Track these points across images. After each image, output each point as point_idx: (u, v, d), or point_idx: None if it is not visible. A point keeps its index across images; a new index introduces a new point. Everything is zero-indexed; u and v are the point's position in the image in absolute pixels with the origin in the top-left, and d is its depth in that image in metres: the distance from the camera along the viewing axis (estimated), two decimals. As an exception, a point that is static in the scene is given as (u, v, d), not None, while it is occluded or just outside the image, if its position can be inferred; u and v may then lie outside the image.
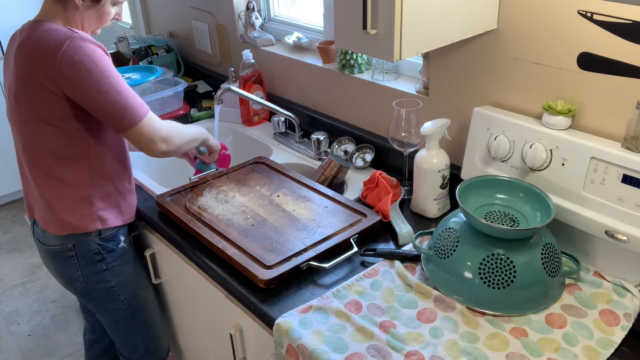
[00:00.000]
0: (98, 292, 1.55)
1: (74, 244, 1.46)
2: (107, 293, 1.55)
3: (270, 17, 2.14)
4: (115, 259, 1.52)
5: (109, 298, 1.56)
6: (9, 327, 2.59)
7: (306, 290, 1.21)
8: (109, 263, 1.51)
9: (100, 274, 1.51)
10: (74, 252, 1.47)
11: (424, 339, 1.07)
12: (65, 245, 1.47)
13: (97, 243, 1.48)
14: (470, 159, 1.37)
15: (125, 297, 1.58)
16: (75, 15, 1.36)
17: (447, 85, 1.47)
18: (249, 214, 1.44)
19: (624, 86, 1.13)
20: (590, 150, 1.14)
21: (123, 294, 1.57)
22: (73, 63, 1.27)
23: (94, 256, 1.49)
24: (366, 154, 1.68)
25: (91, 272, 1.51)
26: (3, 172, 3.37)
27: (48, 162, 1.40)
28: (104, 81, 1.29)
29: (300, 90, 1.96)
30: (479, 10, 1.25)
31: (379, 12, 1.10)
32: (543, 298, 1.13)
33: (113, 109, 1.31)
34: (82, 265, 1.49)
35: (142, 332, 1.66)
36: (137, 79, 2.07)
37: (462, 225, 1.19)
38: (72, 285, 1.54)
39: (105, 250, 1.49)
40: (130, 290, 1.58)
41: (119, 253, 1.53)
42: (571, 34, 1.17)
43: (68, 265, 1.49)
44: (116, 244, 1.51)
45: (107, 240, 1.49)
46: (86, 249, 1.47)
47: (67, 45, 1.27)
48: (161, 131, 1.38)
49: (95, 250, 1.48)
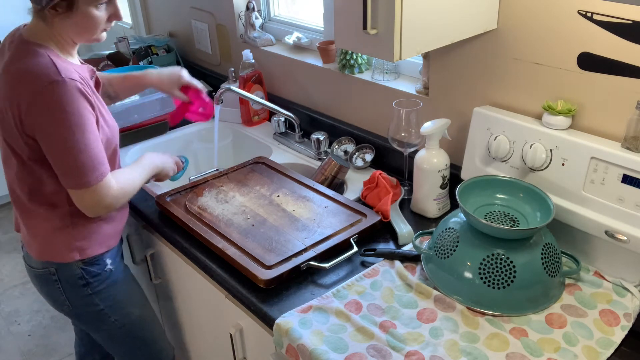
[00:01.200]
0: (87, 315, 1.47)
1: (56, 267, 1.38)
2: (96, 315, 1.46)
3: (270, 17, 2.14)
4: (102, 283, 1.43)
5: (99, 320, 1.48)
6: (9, 327, 2.59)
7: (306, 290, 1.21)
8: (95, 287, 1.42)
9: (87, 297, 1.43)
10: (57, 277, 1.39)
11: (424, 339, 1.07)
12: (48, 269, 1.39)
13: (81, 267, 1.39)
14: (470, 159, 1.37)
15: (116, 318, 1.49)
16: (56, 29, 1.25)
17: (447, 85, 1.47)
18: (249, 214, 1.44)
19: (624, 86, 1.13)
20: (590, 150, 1.14)
21: (113, 315, 1.48)
22: (43, 111, 1.18)
23: (77, 281, 1.40)
24: (366, 154, 1.68)
25: (77, 296, 1.42)
26: (3, 172, 3.36)
27: (24, 196, 1.34)
28: (69, 137, 1.20)
29: (300, 90, 1.96)
30: (479, 10, 1.24)
31: (379, 12, 1.10)
32: (543, 298, 1.13)
33: (66, 167, 1.23)
34: (67, 289, 1.41)
35: (141, 348, 1.59)
36: (137, 79, 2.07)
37: (462, 225, 1.19)
38: (60, 307, 1.47)
39: (90, 274, 1.40)
40: (121, 311, 1.49)
41: (106, 276, 1.43)
42: (571, 34, 1.17)
43: (52, 288, 1.42)
44: (101, 267, 1.42)
45: (90, 265, 1.40)
46: (69, 273, 1.39)
47: (44, 89, 1.17)
48: (106, 200, 1.28)
49: (78, 275, 1.39)
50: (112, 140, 1.36)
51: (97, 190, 1.26)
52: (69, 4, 1.20)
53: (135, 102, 1.97)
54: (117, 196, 1.30)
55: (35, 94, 1.18)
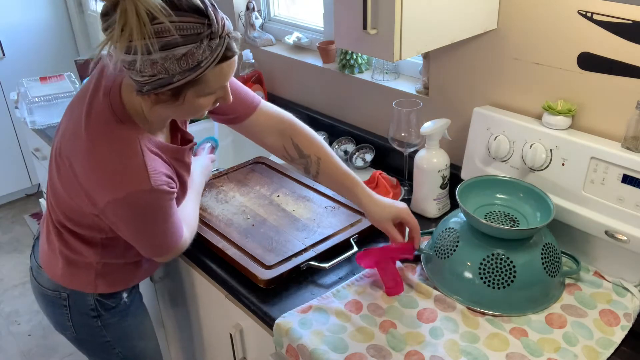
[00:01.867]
0: (90, 344, 1.40)
1: (68, 293, 1.29)
2: (100, 346, 1.39)
3: (270, 17, 2.14)
4: (114, 316, 1.35)
5: (102, 350, 1.40)
6: (9, 327, 2.58)
7: (306, 290, 1.21)
8: (105, 319, 1.33)
9: (95, 329, 1.34)
10: (68, 303, 1.30)
11: (424, 339, 1.07)
12: (59, 293, 1.30)
13: (96, 299, 1.30)
14: (470, 159, 1.37)
15: (120, 350, 1.40)
16: (155, 109, 1.08)
17: (447, 85, 1.47)
18: (249, 214, 1.44)
19: (624, 86, 1.13)
20: (590, 150, 1.14)
21: (118, 347, 1.40)
22: (125, 216, 1.08)
23: (89, 311, 1.31)
24: (366, 154, 1.68)
25: (84, 325, 1.34)
26: (3, 172, 3.37)
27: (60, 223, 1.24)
28: (150, 229, 1.13)
29: (300, 90, 1.96)
30: (479, 10, 1.25)
31: (379, 12, 1.10)
32: (543, 298, 1.13)
33: (149, 246, 1.18)
34: (75, 317, 1.32)
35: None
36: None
37: (462, 225, 1.19)
38: (62, 331, 1.40)
39: (104, 307, 1.32)
40: (127, 343, 1.41)
41: (120, 309, 1.35)
42: (571, 34, 1.17)
43: (59, 312, 1.33)
44: (117, 301, 1.34)
45: (106, 297, 1.32)
46: (82, 302, 1.30)
47: (128, 195, 1.04)
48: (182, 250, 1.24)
49: (92, 306, 1.31)
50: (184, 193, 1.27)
51: (179, 249, 1.22)
52: (175, 94, 1.01)
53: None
54: (190, 239, 1.27)
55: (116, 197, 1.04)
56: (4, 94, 3.19)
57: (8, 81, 3.12)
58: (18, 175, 3.44)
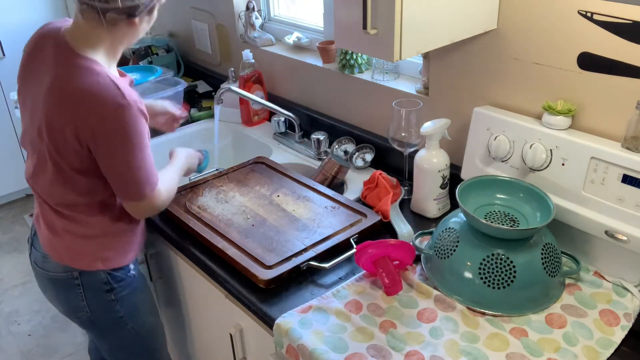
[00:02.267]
0: (105, 322, 1.44)
1: (80, 272, 1.35)
2: (114, 323, 1.44)
3: (270, 17, 2.14)
4: (125, 288, 1.41)
5: (116, 328, 1.46)
6: (9, 327, 2.58)
7: (306, 290, 1.21)
8: (118, 293, 1.40)
9: (109, 304, 1.40)
10: (80, 281, 1.36)
11: (424, 339, 1.07)
12: (71, 273, 1.35)
13: (107, 272, 1.37)
14: (470, 159, 1.37)
15: (133, 325, 1.47)
16: (127, 33, 1.25)
17: (447, 85, 1.47)
18: (249, 214, 1.44)
19: (624, 86, 1.13)
20: (590, 150, 1.14)
21: (131, 322, 1.46)
22: (108, 134, 1.19)
23: (102, 286, 1.38)
24: (366, 154, 1.68)
25: (99, 302, 1.40)
26: (3, 172, 3.37)
27: (58, 203, 1.32)
28: (130, 155, 1.22)
29: (300, 90, 1.96)
30: (479, 10, 1.24)
31: (379, 12, 1.10)
32: (543, 298, 1.13)
33: (124, 182, 1.26)
34: (89, 295, 1.38)
35: (147, 357, 1.57)
36: (137, 79, 2.07)
37: (462, 225, 1.19)
38: (74, 314, 1.43)
39: (115, 279, 1.39)
40: (139, 318, 1.48)
41: (129, 282, 1.42)
42: (571, 34, 1.17)
43: (72, 293, 1.38)
44: (126, 272, 1.41)
45: (117, 269, 1.39)
46: (94, 278, 1.36)
47: (110, 115, 1.17)
48: (158, 205, 1.32)
49: (104, 280, 1.37)
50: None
51: (152, 198, 1.30)
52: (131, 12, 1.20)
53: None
54: (165, 200, 1.35)
55: (101, 120, 1.17)
56: (4, 94, 3.19)
57: (8, 81, 3.12)
58: (18, 175, 3.42)
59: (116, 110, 1.17)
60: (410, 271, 1.24)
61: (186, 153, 1.54)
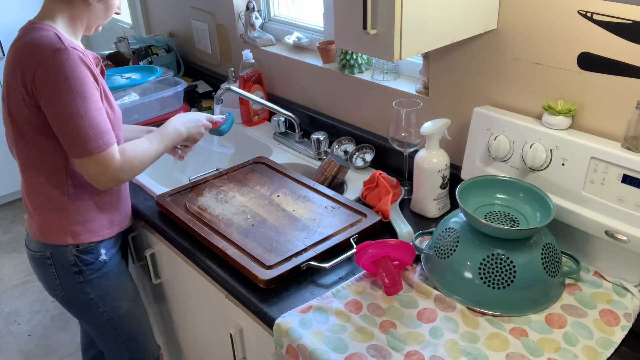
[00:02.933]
0: (77, 303, 1.51)
1: (51, 252, 1.43)
2: (85, 304, 1.51)
3: (270, 17, 2.14)
4: (94, 272, 1.47)
5: (87, 309, 1.52)
6: (9, 327, 2.59)
7: (306, 290, 1.21)
8: (87, 276, 1.46)
9: (78, 285, 1.47)
10: (52, 261, 1.44)
11: (424, 339, 1.07)
12: (44, 252, 1.44)
13: (74, 254, 1.43)
14: (470, 159, 1.37)
15: (105, 309, 1.52)
16: (83, 11, 1.33)
17: (447, 85, 1.47)
18: (249, 214, 1.44)
19: (624, 86, 1.13)
20: (590, 150, 1.14)
21: (103, 306, 1.52)
22: (48, 77, 1.22)
23: (70, 267, 1.44)
24: (366, 154, 1.68)
25: (69, 282, 1.47)
26: (3, 172, 3.37)
27: (29, 170, 1.38)
28: (72, 102, 1.22)
29: (300, 90, 1.96)
30: (479, 10, 1.25)
31: (379, 12, 1.10)
32: (543, 298, 1.13)
33: (69, 133, 1.25)
34: (60, 275, 1.45)
35: (127, 343, 1.61)
36: (137, 79, 2.07)
37: (462, 225, 1.19)
38: (52, 292, 1.51)
39: (83, 262, 1.45)
40: (111, 303, 1.53)
41: (98, 266, 1.47)
42: (571, 34, 1.17)
43: (47, 273, 1.46)
44: (95, 257, 1.46)
45: (84, 253, 1.44)
46: (63, 259, 1.43)
47: (48, 56, 1.22)
48: (110, 170, 1.28)
49: (72, 262, 1.44)
50: (115, 127, 1.36)
51: (101, 159, 1.27)
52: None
53: (135, 102, 1.97)
54: (123, 168, 1.31)
55: (40, 62, 1.22)
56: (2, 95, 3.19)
57: (8, 81, 3.12)
58: (18, 175, 3.43)
59: (53, 53, 1.22)
60: (410, 271, 1.24)
61: (183, 121, 1.50)
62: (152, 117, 1.99)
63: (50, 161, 1.35)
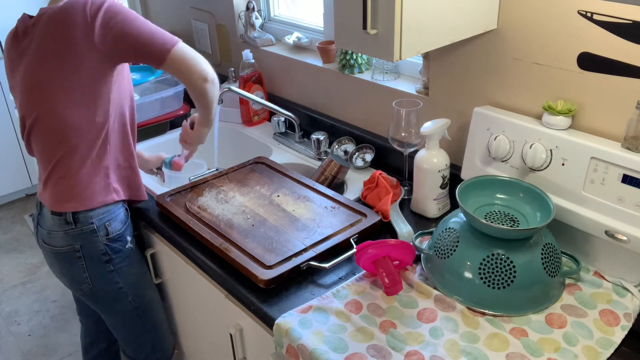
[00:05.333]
0: (105, 293, 1.53)
1: (81, 244, 1.44)
2: (115, 294, 1.53)
3: (270, 17, 2.14)
4: (123, 260, 1.50)
5: (116, 299, 1.55)
6: (9, 327, 2.59)
7: (306, 290, 1.21)
8: (116, 264, 1.49)
9: (108, 274, 1.50)
10: (82, 253, 1.45)
11: (424, 339, 1.07)
12: (73, 246, 1.44)
13: (105, 244, 1.46)
14: (470, 159, 1.37)
15: (132, 297, 1.56)
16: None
17: (447, 85, 1.47)
18: (249, 214, 1.44)
19: (624, 86, 1.13)
20: (590, 150, 1.14)
21: (131, 294, 1.56)
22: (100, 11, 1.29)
23: (101, 257, 1.47)
24: (366, 154, 1.68)
25: (99, 273, 1.49)
26: (3, 172, 3.37)
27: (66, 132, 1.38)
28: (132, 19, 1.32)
29: (300, 90, 1.96)
30: (479, 10, 1.25)
31: (379, 12, 1.10)
32: (543, 298, 1.13)
33: (147, 39, 1.32)
34: (90, 266, 1.47)
35: (150, 331, 1.65)
36: (137, 79, 2.07)
37: (462, 225, 1.19)
38: (78, 286, 1.52)
39: (113, 250, 1.48)
40: (137, 290, 1.57)
41: (127, 254, 1.51)
42: (571, 34, 1.17)
43: (75, 266, 1.47)
44: (123, 244, 1.50)
45: (114, 241, 1.47)
46: (94, 249, 1.45)
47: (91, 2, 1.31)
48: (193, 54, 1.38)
49: (103, 251, 1.46)
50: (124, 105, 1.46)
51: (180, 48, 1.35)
52: None
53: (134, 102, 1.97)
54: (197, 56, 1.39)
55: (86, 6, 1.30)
56: (4, 94, 3.19)
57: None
58: (18, 175, 3.44)
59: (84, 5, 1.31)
60: (410, 271, 1.24)
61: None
62: (152, 117, 1.99)
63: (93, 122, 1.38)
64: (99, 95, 1.36)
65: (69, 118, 1.36)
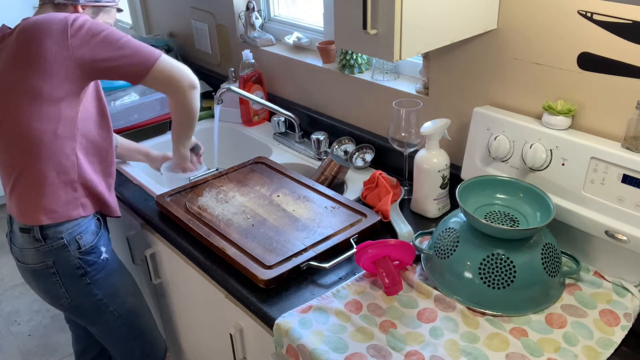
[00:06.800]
0: (86, 307, 1.51)
1: (53, 260, 1.42)
2: (95, 306, 1.51)
3: (270, 17, 2.14)
4: (99, 272, 1.48)
5: (98, 311, 1.53)
6: (9, 327, 2.59)
7: (306, 290, 1.21)
8: (93, 276, 1.47)
9: (85, 288, 1.47)
10: (55, 269, 1.43)
11: (424, 339, 1.07)
12: (45, 262, 1.43)
13: (78, 257, 1.44)
14: (470, 159, 1.37)
15: (114, 307, 1.54)
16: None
17: (447, 85, 1.47)
18: (249, 214, 1.44)
19: (624, 86, 1.13)
20: (590, 150, 1.14)
21: (112, 304, 1.53)
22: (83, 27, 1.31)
23: (75, 271, 1.44)
24: (366, 154, 1.68)
25: (76, 287, 1.47)
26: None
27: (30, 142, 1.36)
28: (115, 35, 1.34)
29: (300, 90, 1.96)
30: (479, 10, 1.25)
31: (379, 12, 1.10)
32: (543, 298, 1.13)
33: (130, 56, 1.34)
34: (65, 281, 1.45)
35: (137, 338, 1.63)
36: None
37: (462, 225, 1.19)
38: (57, 302, 1.50)
39: (87, 264, 1.45)
40: (118, 299, 1.55)
41: (102, 265, 1.49)
42: (571, 34, 1.17)
43: (50, 282, 1.45)
44: (97, 255, 1.47)
45: (87, 254, 1.45)
46: (67, 264, 1.43)
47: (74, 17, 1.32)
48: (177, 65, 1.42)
49: (76, 265, 1.44)
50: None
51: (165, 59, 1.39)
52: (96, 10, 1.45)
53: (135, 102, 1.97)
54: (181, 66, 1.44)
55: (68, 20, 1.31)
56: None
57: (8, 81, 3.12)
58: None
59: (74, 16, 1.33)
60: (410, 271, 1.24)
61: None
62: (152, 117, 1.99)
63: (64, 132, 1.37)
64: (64, 110, 1.35)
65: (32, 128, 1.34)
